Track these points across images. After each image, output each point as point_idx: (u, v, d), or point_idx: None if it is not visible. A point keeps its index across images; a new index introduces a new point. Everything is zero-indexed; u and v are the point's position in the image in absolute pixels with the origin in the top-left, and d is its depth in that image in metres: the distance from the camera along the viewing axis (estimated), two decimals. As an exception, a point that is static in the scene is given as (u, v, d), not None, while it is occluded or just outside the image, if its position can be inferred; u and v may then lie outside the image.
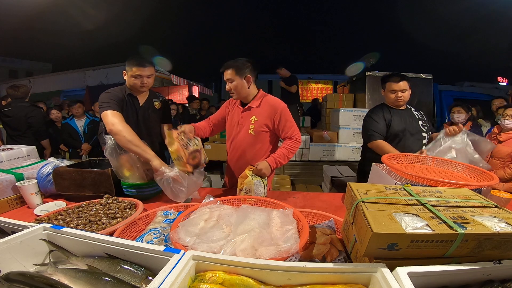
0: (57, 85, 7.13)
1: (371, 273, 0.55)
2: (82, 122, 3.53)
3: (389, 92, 1.79)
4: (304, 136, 3.61)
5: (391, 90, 1.77)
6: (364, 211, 0.59)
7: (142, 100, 1.65)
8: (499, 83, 9.66)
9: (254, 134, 1.51)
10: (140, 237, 0.87)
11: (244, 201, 1.07)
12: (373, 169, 1.40)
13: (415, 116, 1.83)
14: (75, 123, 3.50)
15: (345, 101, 4.28)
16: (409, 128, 1.76)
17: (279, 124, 1.48)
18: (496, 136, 2.24)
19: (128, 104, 1.60)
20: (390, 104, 1.84)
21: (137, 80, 1.53)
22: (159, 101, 1.72)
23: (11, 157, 1.50)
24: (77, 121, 3.52)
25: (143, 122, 1.63)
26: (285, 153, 1.45)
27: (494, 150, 2.21)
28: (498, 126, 2.30)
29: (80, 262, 0.67)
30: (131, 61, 1.52)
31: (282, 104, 1.49)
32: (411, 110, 1.86)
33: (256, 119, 1.50)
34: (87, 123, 3.55)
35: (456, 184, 0.95)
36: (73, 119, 3.52)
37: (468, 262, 0.56)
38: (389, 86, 1.77)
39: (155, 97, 1.72)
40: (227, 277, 0.56)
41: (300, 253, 0.72)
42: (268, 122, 1.49)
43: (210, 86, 10.48)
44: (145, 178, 1.37)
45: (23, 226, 0.75)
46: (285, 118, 1.48)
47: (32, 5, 5.55)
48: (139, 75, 1.52)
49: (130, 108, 1.60)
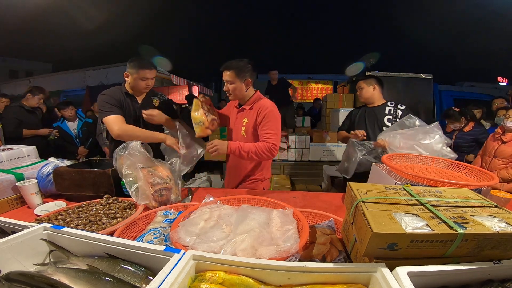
0: (57, 85, 7.12)
1: (371, 273, 0.55)
2: (75, 125, 3.35)
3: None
4: (304, 136, 3.61)
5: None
6: (364, 211, 0.59)
7: (140, 99, 1.67)
8: (499, 83, 9.66)
9: (245, 135, 1.52)
10: (140, 237, 0.87)
11: (244, 201, 1.07)
12: (373, 169, 1.40)
13: (383, 111, 1.91)
14: (67, 127, 3.31)
15: (345, 101, 4.28)
16: (369, 123, 1.92)
17: (260, 125, 1.45)
18: (500, 137, 2.24)
19: (126, 104, 1.62)
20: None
21: (143, 82, 1.56)
22: (157, 98, 1.73)
23: (11, 157, 1.49)
24: (69, 124, 3.33)
25: (143, 120, 1.64)
26: (251, 149, 1.39)
27: (498, 150, 2.22)
28: (501, 126, 2.30)
29: (80, 262, 0.67)
30: (136, 63, 1.53)
31: (270, 108, 1.45)
32: (386, 106, 1.92)
33: (247, 121, 1.51)
34: (81, 125, 3.38)
35: (456, 184, 0.95)
36: (65, 122, 3.32)
37: (468, 262, 0.56)
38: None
39: (153, 95, 1.73)
40: (227, 277, 0.56)
41: (300, 253, 0.72)
42: (255, 124, 1.48)
43: (210, 86, 10.48)
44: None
45: (23, 226, 0.75)
46: (266, 121, 1.44)
47: (32, 5, 5.56)
48: (146, 77, 1.55)
49: (128, 108, 1.62)
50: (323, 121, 4.71)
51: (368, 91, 1.94)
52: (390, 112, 1.89)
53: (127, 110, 1.63)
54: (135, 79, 1.55)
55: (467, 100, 6.06)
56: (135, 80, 1.55)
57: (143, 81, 1.56)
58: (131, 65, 1.54)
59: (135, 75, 1.54)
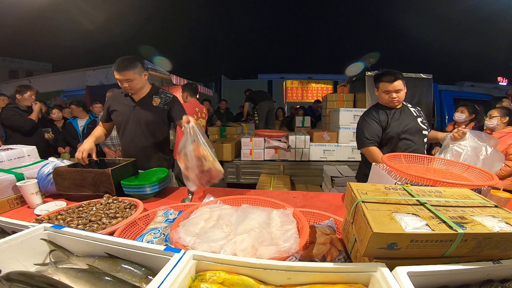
0: (57, 85, 7.13)
1: (371, 273, 0.55)
2: (83, 122, 3.58)
3: (383, 93, 1.67)
4: (304, 136, 3.61)
5: (385, 91, 1.64)
6: (364, 211, 0.59)
7: (138, 98, 1.66)
8: (499, 83, 9.66)
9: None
10: (141, 237, 0.87)
11: (244, 201, 1.07)
12: (373, 169, 1.40)
13: (413, 113, 1.72)
14: (77, 123, 3.57)
15: (345, 101, 4.27)
16: (409, 128, 1.66)
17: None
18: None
19: (121, 103, 1.65)
20: (385, 104, 1.72)
21: (120, 83, 1.56)
22: (160, 97, 1.68)
23: (11, 157, 1.49)
24: (79, 121, 3.59)
25: (138, 119, 1.65)
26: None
27: None
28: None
29: (81, 262, 0.67)
30: (114, 64, 1.53)
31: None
32: (408, 108, 1.75)
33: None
34: (88, 123, 3.57)
35: (456, 184, 0.95)
36: (76, 119, 3.60)
37: (467, 262, 0.56)
38: (382, 86, 1.65)
39: (155, 93, 1.69)
40: (227, 277, 0.56)
41: (300, 252, 0.72)
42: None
43: (210, 86, 10.49)
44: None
45: (23, 226, 0.75)
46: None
47: (32, 5, 5.56)
48: (118, 79, 1.53)
49: (123, 107, 1.65)
50: (323, 121, 4.71)
51: (405, 93, 1.69)
52: (417, 114, 1.74)
53: (122, 110, 1.65)
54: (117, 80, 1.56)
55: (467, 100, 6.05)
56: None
57: (120, 83, 1.54)
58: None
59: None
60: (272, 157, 3.65)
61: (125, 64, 1.50)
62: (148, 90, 1.69)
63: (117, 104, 1.68)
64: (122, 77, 1.51)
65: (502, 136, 2.19)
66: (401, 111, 1.72)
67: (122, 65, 1.49)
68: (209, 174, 1.19)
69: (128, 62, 1.51)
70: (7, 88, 7.36)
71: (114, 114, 1.69)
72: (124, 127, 1.69)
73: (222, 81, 11.22)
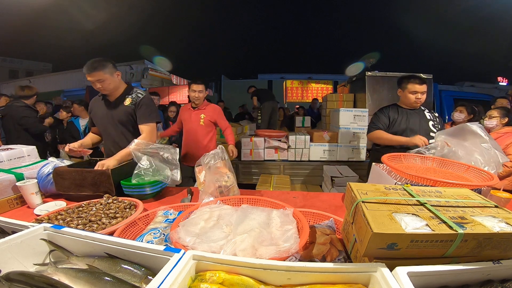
0: (57, 85, 7.14)
1: (371, 273, 0.55)
2: (85, 121, 3.57)
3: (410, 93, 1.81)
4: (304, 136, 3.61)
5: (413, 91, 1.79)
6: (364, 211, 0.59)
7: (113, 98, 1.67)
8: (499, 83, 9.65)
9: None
10: (140, 237, 0.87)
11: (244, 201, 1.07)
12: (373, 169, 1.40)
13: (425, 116, 1.86)
14: (78, 123, 3.56)
15: (345, 101, 4.28)
16: (414, 127, 1.79)
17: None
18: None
19: (99, 106, 1.69)
20: (406, 104, 1.86)
21: (93, 85, 1.57)
22: (131, 97, 1.66)
23: (11, 157, 1.49)
24: (81, 120, 3.58)
25: (113, 120, 1.66)
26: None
27: None
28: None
29: (80, 262, 0.67)
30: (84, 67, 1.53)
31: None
32: (423, 111, 1.89)
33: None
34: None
35: (456, 184, 0.95)
36: (78, 118, 3.58)
37: (467, 262, 0.56)
38: (411, 87, 1.80)
39: (128, 93, 1.68)
40: (227, 277, 0.56)
41: (300, 253, 0.72)
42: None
43: (210, 86, 10.49)
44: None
45: (23, 226, 0.75)
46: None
47: (32, 5, 5.56)
48: (90, 81, 1.54)
49: (101, 110, 1.69)
50: (323, 121, 4.71)
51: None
52: (431, 118, 1.88)
53: (100, 113, 1.68)
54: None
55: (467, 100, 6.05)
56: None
57: (93, 84, 1.56)
58: None
59: None
60: (272, 157, 3.65)
61: (94, 65, 1.51)
62: (123, 90, 1.68)
63: (96, 108, 1.73)
64: (93, 78, 1.53)
65: (499, 136, 2.19)
66: (414, 112, 1.87)
67: (91, 66, 1.51)
68: (228, 191, 1.24)
69: (97, 63, 1.52)
70: (7, 88, 7.37)
71: (95, 118, 1.74)
72: (104, 129, 1.73)
73: (222, 81, 11.21)
